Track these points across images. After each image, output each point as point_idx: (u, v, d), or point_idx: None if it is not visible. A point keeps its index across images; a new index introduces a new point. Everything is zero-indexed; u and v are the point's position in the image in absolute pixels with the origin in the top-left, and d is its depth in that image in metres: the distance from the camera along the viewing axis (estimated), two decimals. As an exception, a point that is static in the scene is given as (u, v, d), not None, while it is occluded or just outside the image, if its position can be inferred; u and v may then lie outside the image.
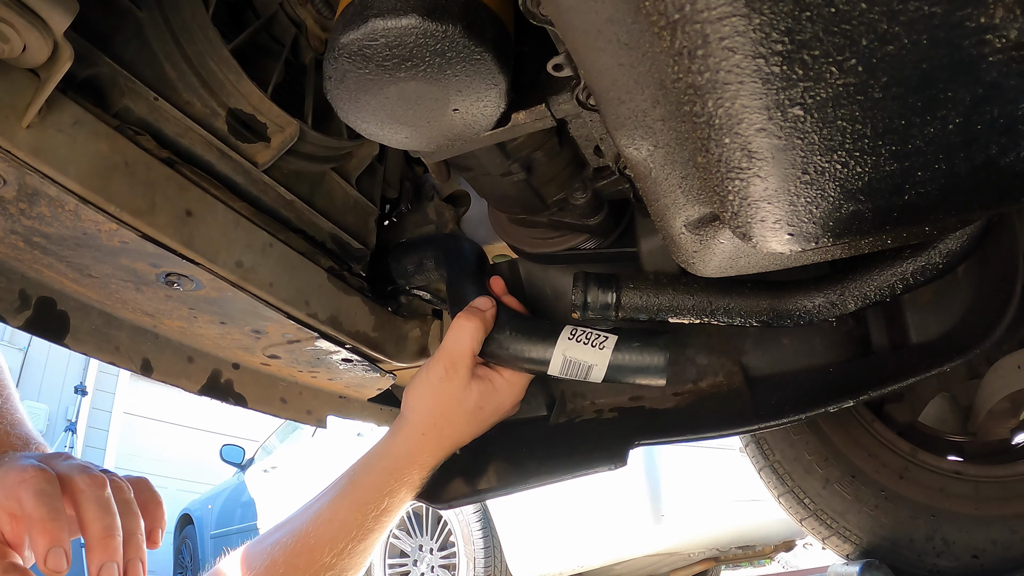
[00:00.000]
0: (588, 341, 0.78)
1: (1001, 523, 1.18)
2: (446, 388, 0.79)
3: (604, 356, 0.78)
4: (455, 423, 0.81)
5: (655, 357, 0.78)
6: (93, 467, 0.61)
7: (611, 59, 0.46)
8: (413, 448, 0.80)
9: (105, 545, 0.55)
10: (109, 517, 0.57)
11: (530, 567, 3.13)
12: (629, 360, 0.78)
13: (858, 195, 0.42)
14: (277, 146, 0.79)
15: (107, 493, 0.58)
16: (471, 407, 0.80)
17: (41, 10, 0.52)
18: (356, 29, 0.54)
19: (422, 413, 0.80)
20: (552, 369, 0.79)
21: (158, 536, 0.63)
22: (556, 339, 0.79)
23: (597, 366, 0.78)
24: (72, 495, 0.57)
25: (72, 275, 0.74)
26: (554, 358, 0.78)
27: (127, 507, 0.60)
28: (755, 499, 3.10)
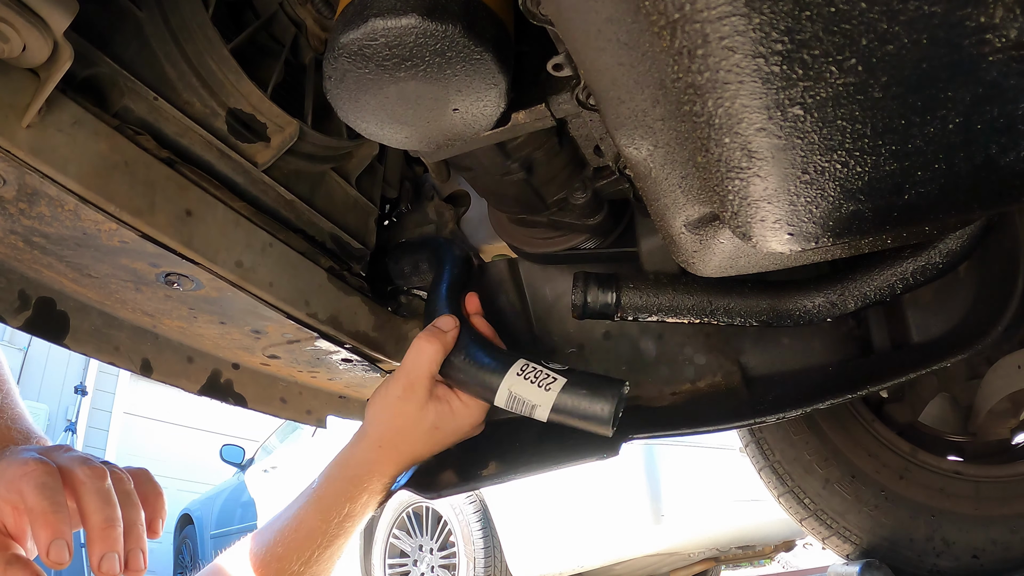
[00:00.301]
0: (536, 380, 0.77)
1: (1001, 523, 1.18)
2: (403, 407, 0.81)
3: (549, 398, 0.75)
4: (411, 440, 0.82)
5: (601, 407, 0.74)
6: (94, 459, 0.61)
7: (611, 59, 0.46)
8: (371, 459, 0.82)
9: (106, 536, 0.56)
10: (110, 508, 0.57)
11: (530, 567, 3.13)
12: (574, 406, 0.75)
13: (858, 195, 0.42)
14: (277, 146, 0.79)
15: (107, 484, 0.58)
16: (427, 427, 0.82)
17: (41, 10, 0.52)
18: (356, 29, 0.54)
19: (380, 427, 0.82)
20: (498, 401, 0.78)
21: (158, 526, 0.64)
22: (506, 371, 0.78)
23: (540, 407, 0.76)
24: (73, 487, 0.57)
25: (72, 275, 0.74)
26: (500, 390, 0.77)
27: (128, 498, 0.60)
28: (755, 499, 3.10)
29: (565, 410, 0.75)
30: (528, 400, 0.76)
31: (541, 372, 0.77)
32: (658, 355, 1.00)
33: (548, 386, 0.76)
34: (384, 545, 3.63)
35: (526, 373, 0.77)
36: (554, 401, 0.75)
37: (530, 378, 0.77)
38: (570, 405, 0.75)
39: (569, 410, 0.75)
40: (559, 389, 0.75)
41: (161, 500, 0.66)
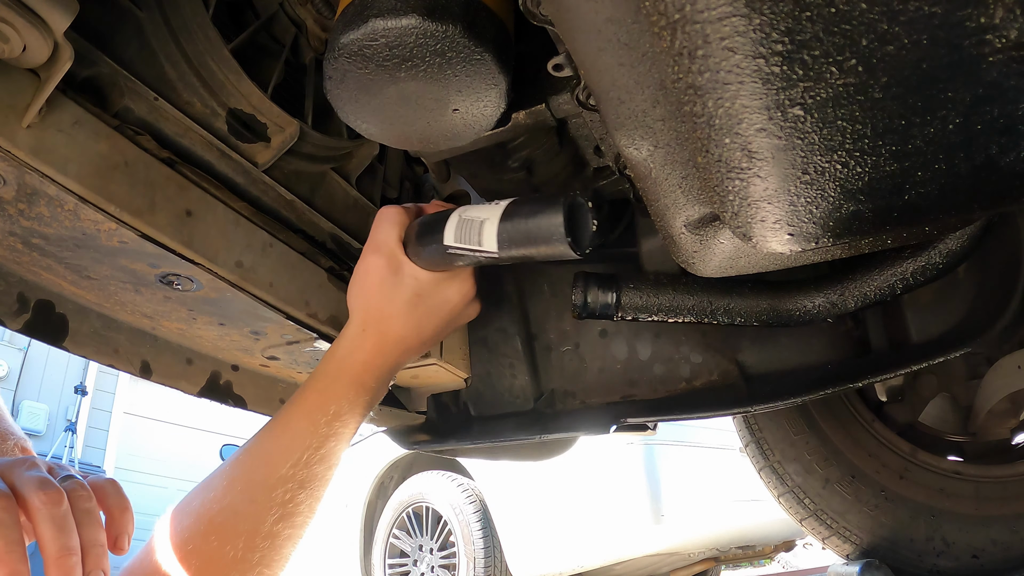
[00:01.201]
0: (486, 204, 0.70)
1: (1001, 523, 1.18)
2: (376, 276, 0.77)
3: (497, 210, 0.67)
4: (393, 315, 0.77)
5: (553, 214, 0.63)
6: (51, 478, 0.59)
7: (611, 59, 0.46)
8: (356, 346, 0.77)
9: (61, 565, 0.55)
10: (64, 536, 0.56)
11: (530, 567, 3.13)
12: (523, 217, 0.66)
13: (858, 195, 0.42)
14: (277, 146, 0.79)
15: (62, 510, 0.57)
16: (407, 297, 0.77)
17: (41, 10, 0.52)
18: (356, 29, 0.54)
19: (359, 309, 0.78)
20: (447, 236, 0.71)
21: (124, 543, 0.62)
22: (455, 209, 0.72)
23: (488, 222, 0.67)
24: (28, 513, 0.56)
25: (71, 277, 0.74)
26: (449, 222, 0.71)
27: (88, 517, 0.59)
28: (755, 499, 3.11)
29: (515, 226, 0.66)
30: (476, 219, 0.69)
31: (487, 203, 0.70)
32: (654, 353, 1.00)
33: (498, 202, 0.69)
34: (384, 545, 3.63)
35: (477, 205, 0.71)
36: (500, 214, 0.67)
37: (481, 204, 0.71)
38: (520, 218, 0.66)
39: (519, 225, 0.66)
40: (506, 203, 0.68)
41: (128, 515, 0.64)
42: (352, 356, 0.77)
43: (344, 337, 0.78)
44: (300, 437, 0.73)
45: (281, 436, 0.74)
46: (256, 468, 0.72)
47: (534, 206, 0.65)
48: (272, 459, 0.72)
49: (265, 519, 0.70)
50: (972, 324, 0.86)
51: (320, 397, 0.75)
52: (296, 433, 0.73)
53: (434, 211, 0.80)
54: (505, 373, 1.04)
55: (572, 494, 3.08)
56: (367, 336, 0.77)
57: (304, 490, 0.72)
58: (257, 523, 0.69)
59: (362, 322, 0.78)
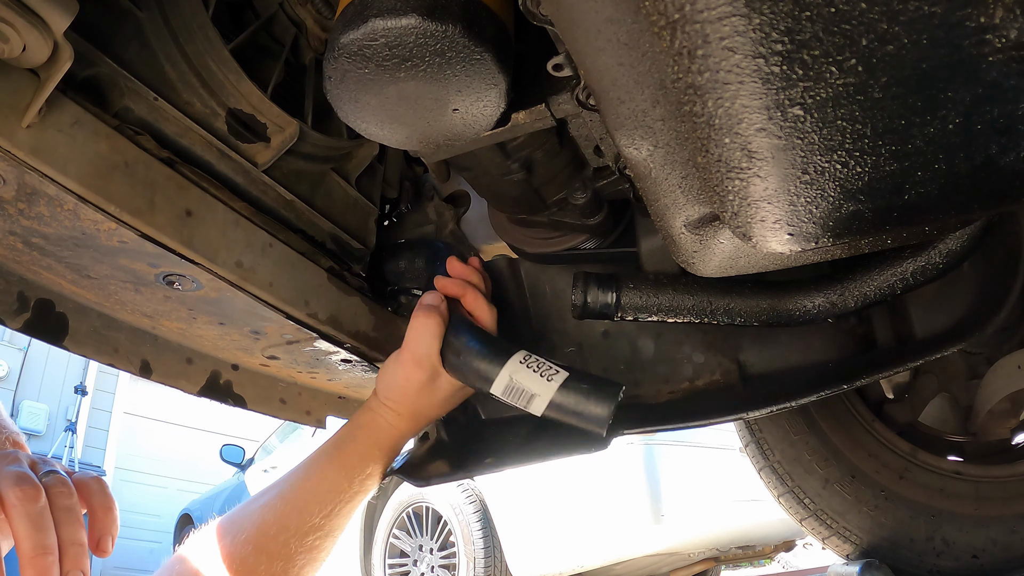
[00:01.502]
0: (538, 370, 0.75)
1: (1001, 523, 1.18)
2: (416, 388, 0.83)
3: (549, 389, 0.74)
4: (429, 408, 0.86)
5: (601, 407, 0.72)
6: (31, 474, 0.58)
7: (611, 59, 0.46)
8: (392, 424, 0.85)
9: (36, 565, 0.53)
10: (40, 534, 0.54)
11: (530, 567, 3.13)
12: (573, 401, 0.73)
13: (858, 195, 0.42)
14: (277, 146, 0.79)
15: (39, 507, 0.55)
16: (443, 399, 0.85)
17: (41, 10, 0.52)
18: (356, 29, 0.54)
19: (397, 401, 0.85)
20: (496, 387, 0.76)
21: (107, 544, 0.61)
22: (508, 358, 0.77)
23: (539, 398, 0.74)
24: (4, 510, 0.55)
25: (71, 276, 0.74)
26: (500, 375, 0.76)
27: (67, 514, 0.57)
28: (755, 499, 3.10)
29: (563, 404, 0.74)
30: (528, 389, 0.75)
31: (543, 363, 0.76)
32: (656, 354, 1.00)
33: (550, 377, 0.75)
34: (384, 545, 3.63)
35: (528, 362, 0.76)
36: (554, 393, 0.74)
37: (532, 367, 0.76)
38: (569, 400, 0.73)
39: (567, 405, 0.74)
40: (561, 382, 0.74)
41: (111, 515, 0.62)
42: (390, 432, 0.85)
43: (380, 414, 0.86)
44: (336, 491, 0.80)
45: (317, 488, 0.80)
46: (290, 515, 0.77)
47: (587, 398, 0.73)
48: (306, 508, 0.78)
49: (296, 563, 0.76)
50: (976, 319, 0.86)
51: (358, 458, 0.83)
52: (332, 486, 0.80)
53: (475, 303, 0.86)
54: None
55: (572, 494, 3.08)
56: (402, 420, 0.85)
57: (329, 538, 0.79)
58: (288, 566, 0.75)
59: (398, 410, 0.85)
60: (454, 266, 0.89)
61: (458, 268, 0.89)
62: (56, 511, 0.57)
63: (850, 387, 0.82)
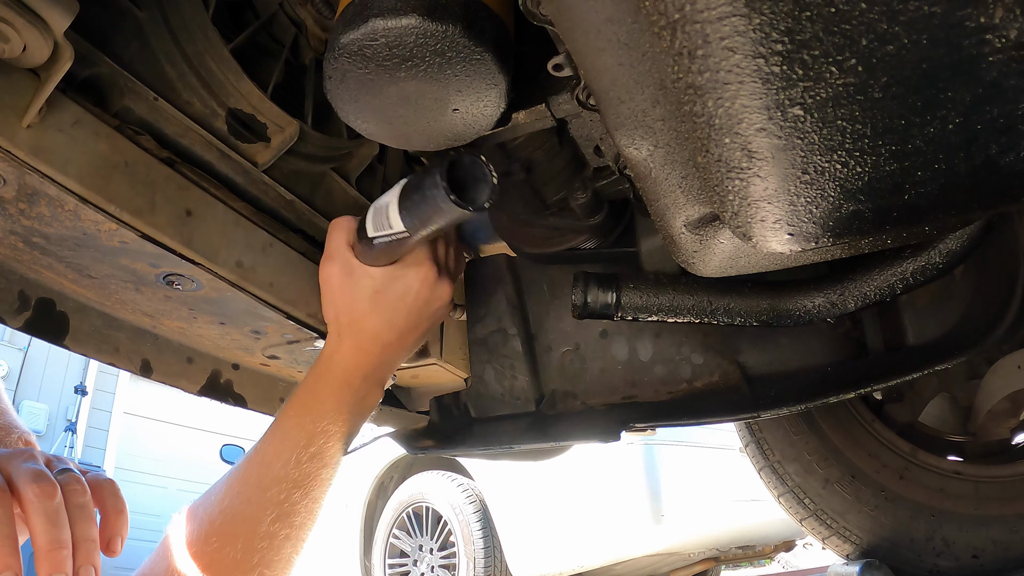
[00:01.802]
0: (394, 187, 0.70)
1: (1001, 523, 1.18)
2: (335, 282, 0.80)
3: (396, 190, 0.69)
4: (361, 314, 0.80)
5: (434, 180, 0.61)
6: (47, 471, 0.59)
7: (611, 59, 0.46)
8: (334, 349, 0.81)
9: (51, 559, 0.55)
10: (56, 529, 0.56)
11: (530, 567, 3.13)
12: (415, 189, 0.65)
13: (858, 195, 0.42)
14: (277, 146, 0.79)
15: (55, 503, 0.57)
16: (368, 293, 0.79)
17: (41, 10, 0.52)
18: (356, 29, 0.54)
19: (331, 319, 0.82)
20: (368, 228, 0.74)
21: (117, 545, 0.62)
22: None
23: (391, 204, 0.69)
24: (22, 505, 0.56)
25: (71, 276, 0.74)
26: (368, 214, 0.74)
27: (81, 512, 0.59)
28: (755, 499, 3.10)
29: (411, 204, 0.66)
30: (383, 204, 0.71)
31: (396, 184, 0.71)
32: (655, 354, 1.00)
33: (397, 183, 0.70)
34: (384, 545, 3.63)
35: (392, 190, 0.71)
36: (400, 191, 0.68)
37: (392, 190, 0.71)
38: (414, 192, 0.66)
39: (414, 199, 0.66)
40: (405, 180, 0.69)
41: (123, 517, 0.64)
42: (333, 358, 0.80)
43: (326, 346, 0.82)
44: (290, 437, 0.76)
45: (272, 438, 0.77)
46: (251, 470, 0.75)
47: (421, 177, 0.65)
48: (265, 460, 0.75)
49: (262, 520, 0.71)
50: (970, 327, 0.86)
51: (307, 397, 0.79)
52: (286, 433, 0.76)
53: None
54: (506, 374, 1.04)
55: (572, 494, 3.08)
56: (343, 339, 0.81)
57: (299, 489, 0.74)
58: (254, 524, 0.71)
59: (336, 328, 0.81)
60: None
61: None
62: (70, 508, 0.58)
63: (855, 394, 0.82)
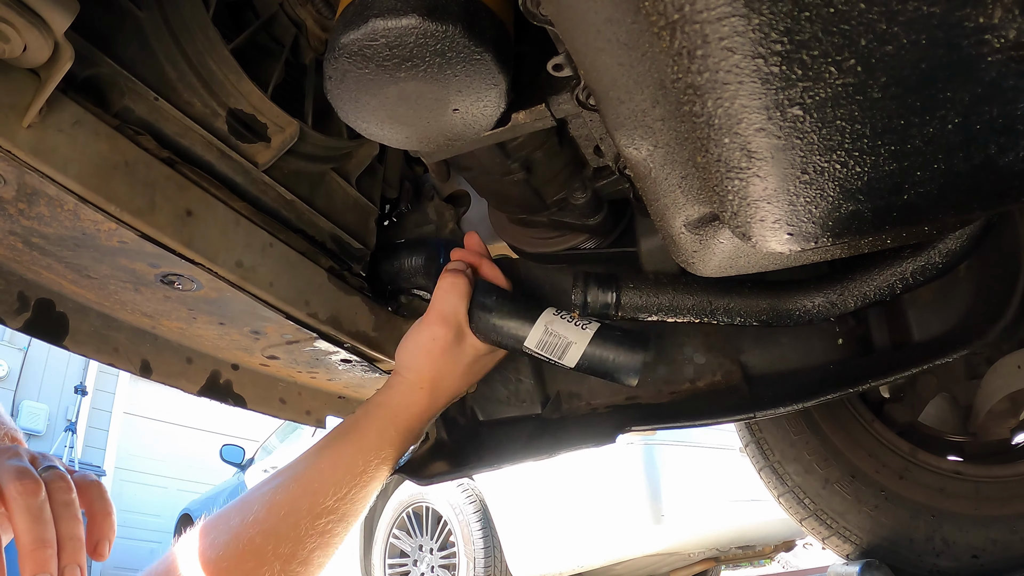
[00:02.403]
0: (572, 321, 0.79)
1: (1001, 523, 1.18)
2: (441, 348, 0.81)
3: (584, 337, 0.77)
4: (451, 379, 0.83)
5: (634, 354, 0.76)
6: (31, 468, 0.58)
7: (611, 59, 0.46)
8: (411, 401, 0.82)
9: (36, 558, 0.54)
10: (39, 527, 0.55)
11: (530, 567, 3.13)
12: (607, 350, 0.77)
13: (857, 195, 0.42)
14: (277, 146, 0.79)
15: (39, 501, 0.56)
16: (468, 362, 0.83)
17: (42, 10, 0.52)
18: (356, 29, 0.54)
19: (419, 372, 0.82)
20: (530, 340, 0.79)
21: (104, 549, 0.61)
22: (541, 311, 0.80)
23: (575, 345, 0.77)
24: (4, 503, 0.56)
25: (71, 276, 0.74)
26: (535, 328, 0.78)
27: (66, 510, 0.58)
28: (755, 499, 3.10)
29: (597, 352, 0.76)
30: (563, 338, 0.77)
31: (574, 316, 0.79)
32: (657, 355, 1.00)
33: (584, 327, 0.77)
34: (384, 545, 3.63)
35: (561, 314, 0.79)
36: (589, 340, 0.76)
37: (566, 319, 0.79)
38: (603, 348, 0.76)
39: (601, 353, 0.76)
40: (595, 330, 0.77)
41: (110, 520, 0.63)
42: (409, 409, 0.81)
43: (399, 391, 0.82)
44: (352, 472, 0.76)
45: (332, 469, 0.76)
46: (302, 496, 0.74)
47: (620, 346, 0.76)
48: (320, 489, 0.74)
49: (306, 546, 0.72)
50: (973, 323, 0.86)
51: (375, 440, 0.79)
52: (348, 467, 0.77)
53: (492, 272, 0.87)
54: (510, 377, 1.05)
55: (572, 494, 3.08)
56: (422, 394, 0.82)
57: (342, 523, 0.75)
58: (297, 549, 0.72)
59: (419, 380, 0.82)
60: (470, 240, 0.90)
61: (472, 242, 0.90)
62: (55, 506, 0.57)
63: (856, 391, 0.82)
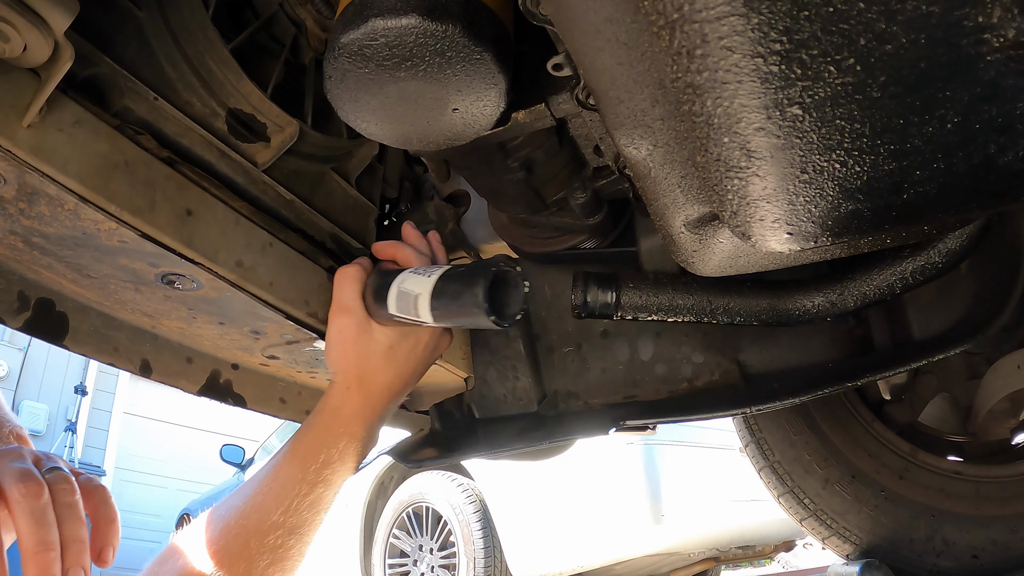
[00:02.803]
0: (424, 273, 0.71)
1: (1001, 523, 1.18)
2: (350, 338, 0.80)
3: (428, 284, 0.69)
4: (373, 369, 0.81)
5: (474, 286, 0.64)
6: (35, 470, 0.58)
7: (610, 58, 0.46)
8: (342, 401, 0.80)
9: (39, 560, 0.54)
10: (42, 530, 0.55)
11: (530, 567, 3.13)
12: (451, 292, 0.67)
13: (857, 194, 0.42)
14: (277, 146, 0.79)
15: (42, 503, 0.56)
16: (382, 349, 0.80)
17: (42, 10, 0.52)
18: (356, 29, 0.54)
19: (343, 370, 0.81)
20: (390, 305, 0.73)
21: (108, 555, 0.61)
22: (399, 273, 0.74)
23: (422, 296, 0.69)
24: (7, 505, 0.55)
25: (71, 276, 0.74)
26: (391, 292, 0.73)
27: (70, 511, 0.58)
28: (755, 499, 3.10)
29: (444, 299, 0.67)
30: (411, 292, 0.70)
31: (433, 268, 0.71)
32: (656, 354, 1.00)
33: (431, 274, 0.70)
34: (384, 545, 3.63)
35: (418, 271, 0.73)
36: (432, 287, 0.68)
37: (419, 273, 0.72)
38: (447, 293, 0.67)
39: (448, 299, 0.67)
40: (440, 273, 0.69)
41: (114, 527, 0.62)
42: (341, 410, 0.80)
43: (330, 394, 0.81)
44: (290, 484, 0.76)
45: (273, 483, 0.76)
46: (250, 515, 0.74)
47: (460, 282, 0.67)
48: (264, 505, 0.75)
49: (257, 563, 0.72)
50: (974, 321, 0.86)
51: (311, 446, 0.78)
52: (286, 480, 0.76)
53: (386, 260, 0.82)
54: (508, 375, 1.05)
55: (572, 494, 3.08)
56: (351, 393, 0.81)
57: (294, 536, 0.75)
58: (249, 567, 0.72)
59: (345, 381, 0.81)
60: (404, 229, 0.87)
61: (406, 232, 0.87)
62: (58, 508, 0.57)
63: (852, 385, 0.82)
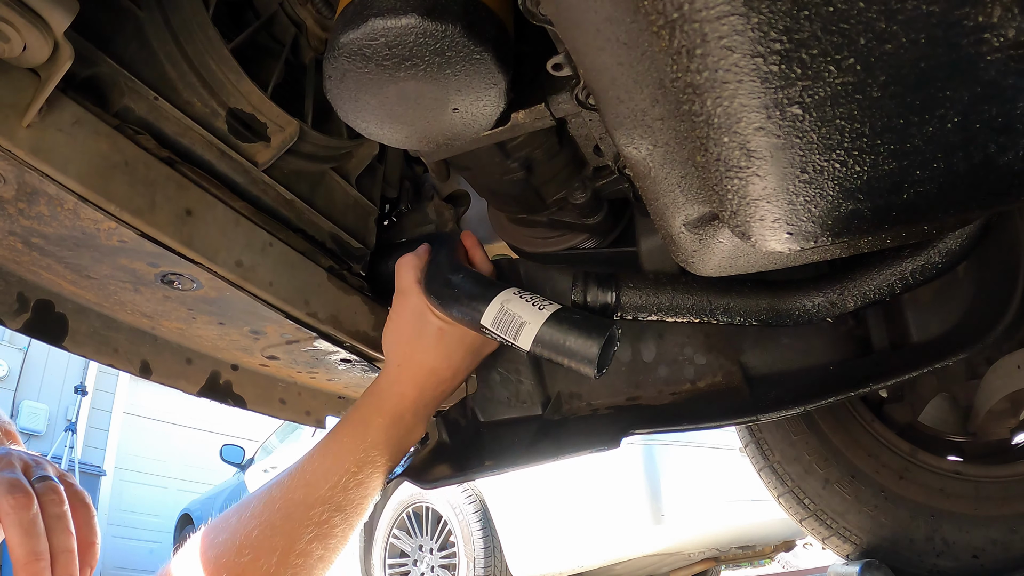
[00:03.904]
0: (530, 300, 0.74)
1: (1001, 523, 1.18)
2: (406, 321, 0.82)
3: (540, 317, 0.71)
4: (424, 348, 0.82)
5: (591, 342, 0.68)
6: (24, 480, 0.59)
7: (610, 58, 0.46)
8: (393, 380, 0.82)
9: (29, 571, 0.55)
10: (32, 540, 0.56)
11: (530, 567, 3.13)
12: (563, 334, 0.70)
13: (857, 194, 0.42)
14: (277, 146, 0.79)
15: (31, 514, 0.57)
16: (434, 332, 0.82)
17: (42, 10, 0.52)
18: (356, 29, 0.54)
19: (394, 349, 0.84)
20: (486, 317, 0.74)
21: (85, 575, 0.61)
22: (501, 289, 0.75)
23: (528, 326, 0.71)
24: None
25: (71, 277, 0.74)
26: (491, 305, 0.74)
27: (58, 522, 0.59)
28: (755, 499, 3.10)
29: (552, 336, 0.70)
30: (518, 318, 0.72)
31: (536, 297, 0.75)
32: (658, 355, 1.00)
33: (542, 307, 0.72)
34: (384, 545, 3.63)
35: (521, 294, 0.75)
36: (543, 322, 0.71)
37: (524, 298, 0.74)
38: (559, 332, 0.70)
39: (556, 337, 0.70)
40: (552, 311, 0.72)
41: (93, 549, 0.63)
42: (391, 389, 0.82)
43: (382, 375, 0.84)
44: (340, 461, 0.76)
45: (322, 460, 0.77)
46: (296, 488, 0.74)
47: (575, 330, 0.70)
48: (312, 480, 0.75)
49: (301, 536, 0.72)
50: (972, 324, 0.86)
51: (362, 425, 0.79)
52: (337, 457, 0.77)
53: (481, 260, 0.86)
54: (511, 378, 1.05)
55: (572, 494, 3.08)
56: (403, 371, 0.83)
57: (340, 513, 0.75)
58: (293, 540, 0.71)
59: (397, 358, 0.84)
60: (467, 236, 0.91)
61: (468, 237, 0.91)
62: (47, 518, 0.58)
63: (857, 394, 0.82)
